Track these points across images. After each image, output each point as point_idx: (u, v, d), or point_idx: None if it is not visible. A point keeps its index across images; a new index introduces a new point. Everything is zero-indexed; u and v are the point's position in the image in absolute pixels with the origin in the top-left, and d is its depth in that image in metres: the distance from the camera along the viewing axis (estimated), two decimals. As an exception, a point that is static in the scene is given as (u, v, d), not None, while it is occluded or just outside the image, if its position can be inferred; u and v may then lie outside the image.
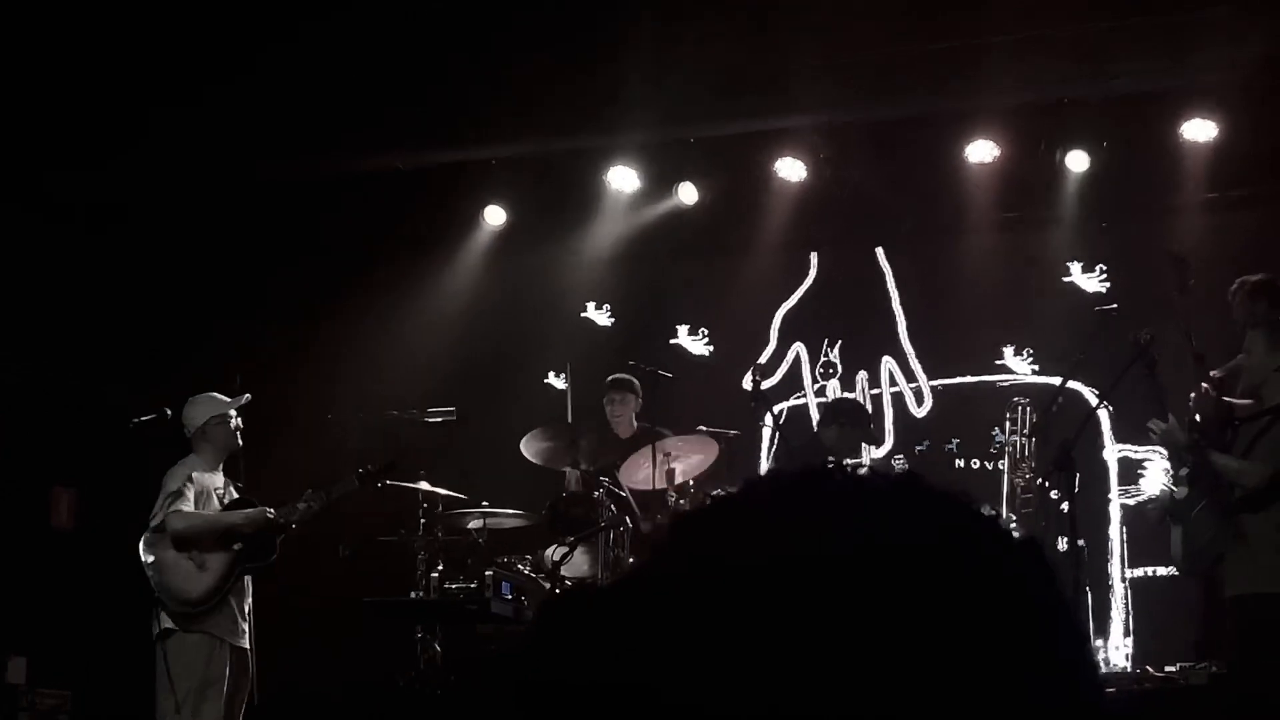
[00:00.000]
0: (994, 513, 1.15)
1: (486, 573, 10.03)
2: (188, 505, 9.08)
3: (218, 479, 9.33)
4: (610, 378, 11.18)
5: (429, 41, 10.94)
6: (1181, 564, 8.55)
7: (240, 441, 9.42)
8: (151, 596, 9.05)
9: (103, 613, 10.70)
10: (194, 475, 9.17)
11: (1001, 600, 1.08)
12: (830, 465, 1.16)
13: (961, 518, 1.12)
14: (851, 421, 10.59)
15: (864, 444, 10.91)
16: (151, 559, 9.08)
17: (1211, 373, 8.66)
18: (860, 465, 11.00)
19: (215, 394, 9.44)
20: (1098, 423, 10.94)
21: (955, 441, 12.07)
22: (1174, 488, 8.56)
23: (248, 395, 9.49)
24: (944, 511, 1.12)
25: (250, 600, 9.34)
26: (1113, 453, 11.47)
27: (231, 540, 9.22)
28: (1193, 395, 8.69)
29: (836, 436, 10.48)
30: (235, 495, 9.41)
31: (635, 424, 11.04)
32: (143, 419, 9.53)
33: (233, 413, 9.38)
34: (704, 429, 10.93)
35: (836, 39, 10.58)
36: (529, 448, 10.78)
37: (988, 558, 1.10)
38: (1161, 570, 10.97)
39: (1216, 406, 8.56)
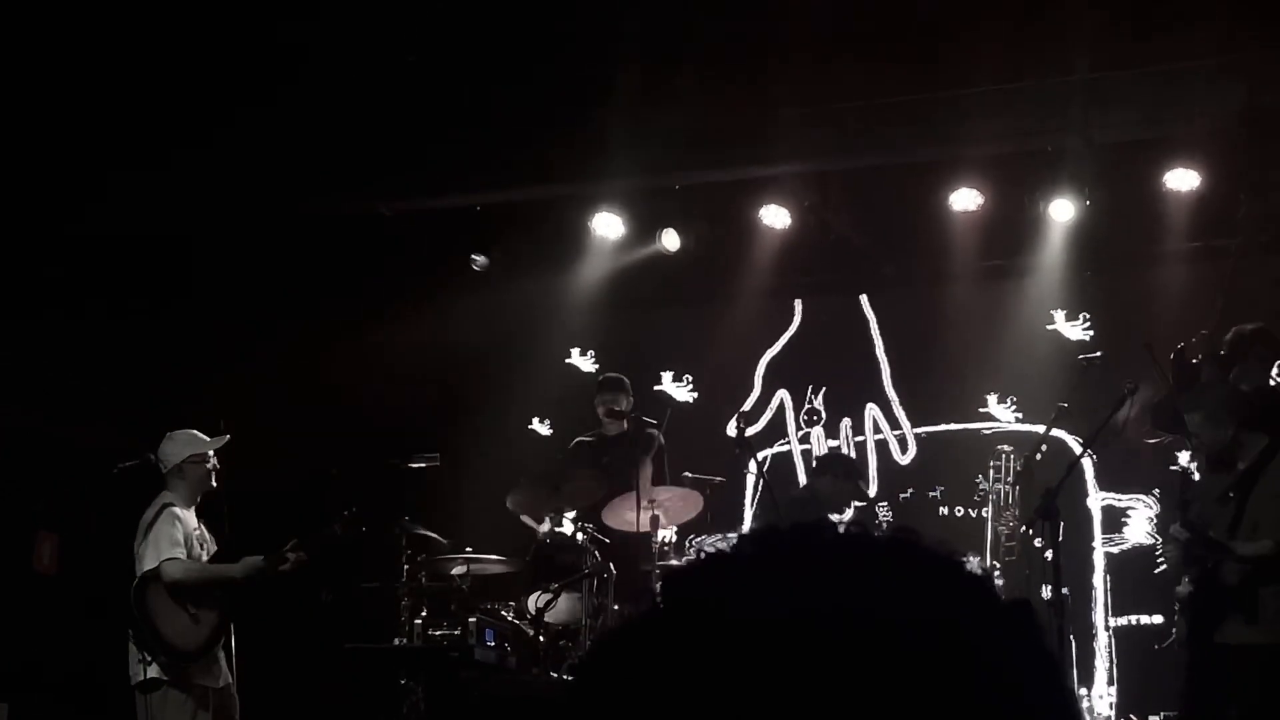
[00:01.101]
0: (983, 571, 1.15)
1: (470, 619, 9.99)
2: (182, 551, 9.01)
3: (192, 519, 9.26)
4: (601, 377, 11.27)
5: (415, 89, 10.97)
6: (1187, 643, 8.62)
7: (215, 483, 9.38)
8: (139, 644, 8.96)
9: (86, 658, 10.64)
10: (179, 517, 9.10)
11: (990, 665, 1.08)
12: (821, 523, 1.16)
13: (952, 579, 1.13)
14: (845, 474, 10.70)
15: (854, 498, 10.98)
16: (145, 608, 8.96)
17: (1203, 331, 8.81)
18: (847, 518, 11.11)
19: (195, 432, 9.38)
20: (1081, 471, 10.95)
21: (939, 489, 12.08)
22: (1183, 587, 8.61)
23: (227, 436, 9.43)
24: (935, 573, 1.12)
25: (232, 640, 9.31)
26: (1096, 501, 11.49)
27: (225, 591, 9.17)
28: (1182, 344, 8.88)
29: (830, 487, 10.60)
30: (208, 537, 9.34)
31: (625, 424, 11.09)
32: (127, 465, 9.48)
33: (211, 453, 9.34)
34: (689, 475, 10.95)
35: (821, 88, 10.62)
36: (513, 501, 10.80)
37: (978, 621, 1.10)
38: (1145, 619, 10.98)
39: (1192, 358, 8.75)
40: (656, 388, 12.84)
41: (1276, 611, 8.10)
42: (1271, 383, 9.85)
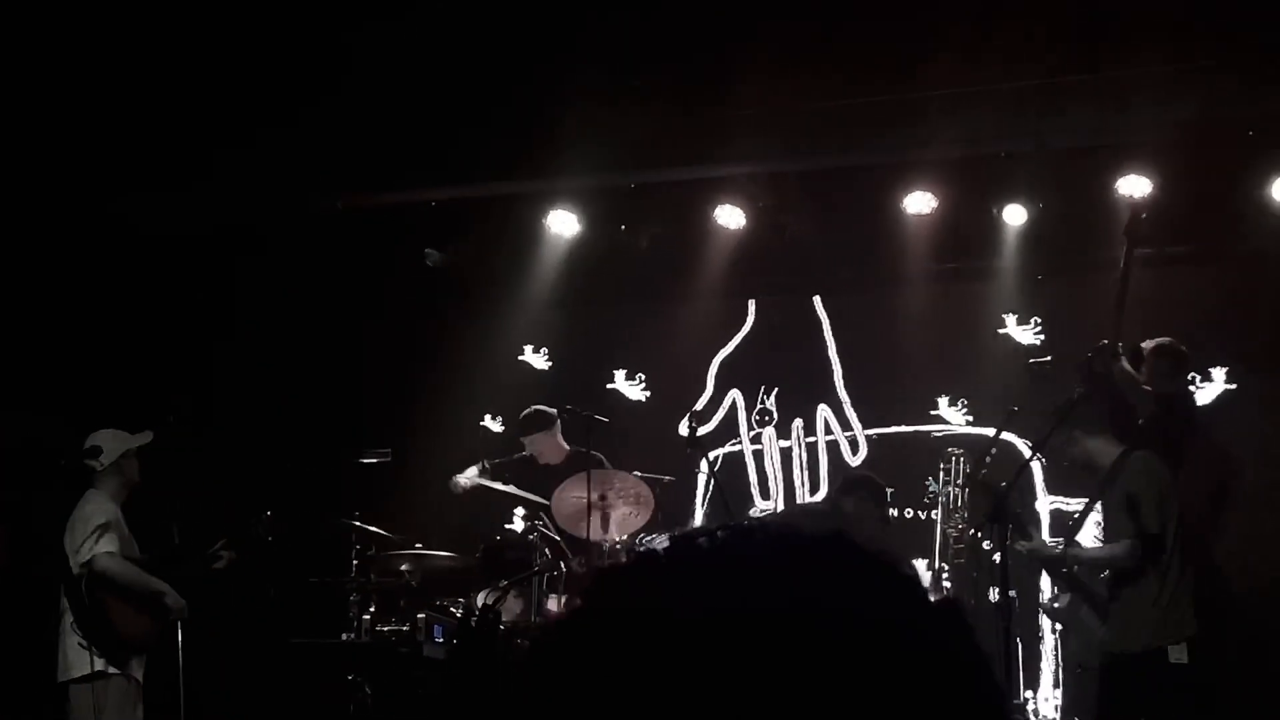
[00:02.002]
0: (914, 573, 1.16)
1: (419, 615, 9.98)
2: (117, 546, 9.06)
3: (121, 516, 9.37)
4: (522, 415, 11.16)
5: (368, 83, 10.94)
6: (1084, 660, 8.86)
7: (139, 478, 9.49)
8: (87, 635, 8.97)
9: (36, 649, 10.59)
10: (114, 513, 9.20)
11: (918, 662, 1.09)
12: (753, 523, 1.17)
13: (881, 579, 1.13)
14: (872, 497, 10.66)
15: (876, 521, 10.97)
16: (97, 599, 9.01)
17: (1103, 341, 8.93)
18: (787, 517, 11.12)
19: (120, 430, 9.52)
20: (1031, 474, 11.00)
21: (889, 491, 12.10)
22: (1054, 603, 8.86)
23: (150, 433, 9.51)
24: (864, 573, 1.13)
25: (179, 634, 9.40)
26: (1045, 504, 11.54)
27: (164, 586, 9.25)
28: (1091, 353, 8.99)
29: (855, 508, 10.56)
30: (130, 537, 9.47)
31: (566, 446, 11.02)
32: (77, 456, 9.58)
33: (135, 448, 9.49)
34: (639, 474, 10.94)
35: (777, 90, 10.63)
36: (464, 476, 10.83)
37: (905, 620, 1.11)
38: (1092, 622, 11.03)
39: (1106, 368, 8.86)
40: (610, 386, 12.85)
41: (1143, 617, 8.31)
42: (1191, 389, 10.08)
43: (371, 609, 10.22)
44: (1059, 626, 9.45)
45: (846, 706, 1.05)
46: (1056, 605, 9.02)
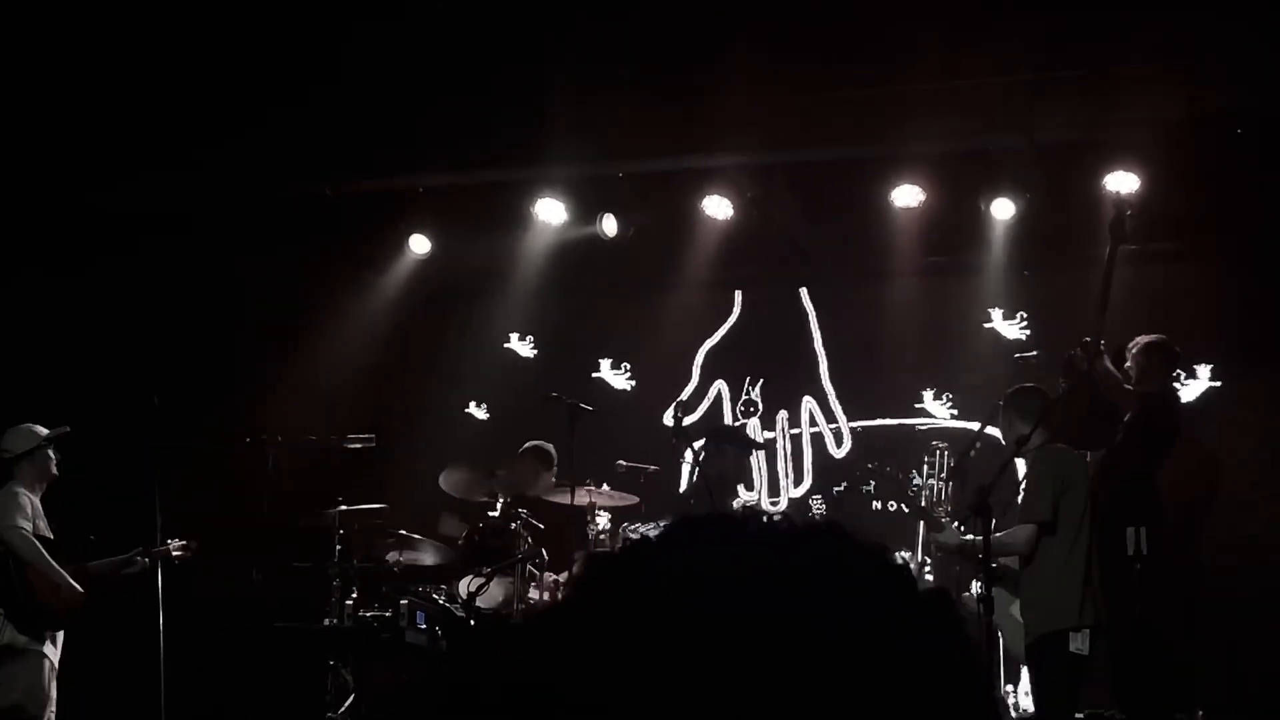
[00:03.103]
0: (906, 561, 1.17)
1: (402, 601, 9.97)
2: (29, 525, 9.29)
3: (38, 504, 9.54)
4: (521, 450, 11.09)
5: (358, 69, 10.92)
6: (1016, 653, 8.97)
7: (56, 471, 9.62)
8: (10, 609, 9.13)
9: None
10: (29, 497, 9.40)
11: (910, 650, 1.09)
12: (747, 511, 1.18)
13: (873, 568, 1.14)
14: (729, 440, 10.71)
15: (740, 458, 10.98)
16: (23, 575, 9.16)
17: (1086, 339, 8.96)
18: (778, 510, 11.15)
19: (34, 425, 9.65)
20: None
21: (873, 483, 12.11)
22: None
23: (67, 428, 9.68)
24: (856, 561, 1.14)
25: (161, 617, 9.49)
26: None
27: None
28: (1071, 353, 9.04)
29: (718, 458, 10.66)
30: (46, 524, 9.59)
31: (553, 481, 10.88)
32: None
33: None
34: (623, 463, 10.95)
35: (766, 81, 10.63)
36: (447, 480, 10.75)
37: (896, 608, 1.12)
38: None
39: (1088, 369, 8.90)
40: (595, 374, 12.85)
41: (1044, 603, 8.43)
42: (1176, 387, 10.13)
43: (354, 594, 10.22)
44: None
45: (839, 697, 1.06)
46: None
